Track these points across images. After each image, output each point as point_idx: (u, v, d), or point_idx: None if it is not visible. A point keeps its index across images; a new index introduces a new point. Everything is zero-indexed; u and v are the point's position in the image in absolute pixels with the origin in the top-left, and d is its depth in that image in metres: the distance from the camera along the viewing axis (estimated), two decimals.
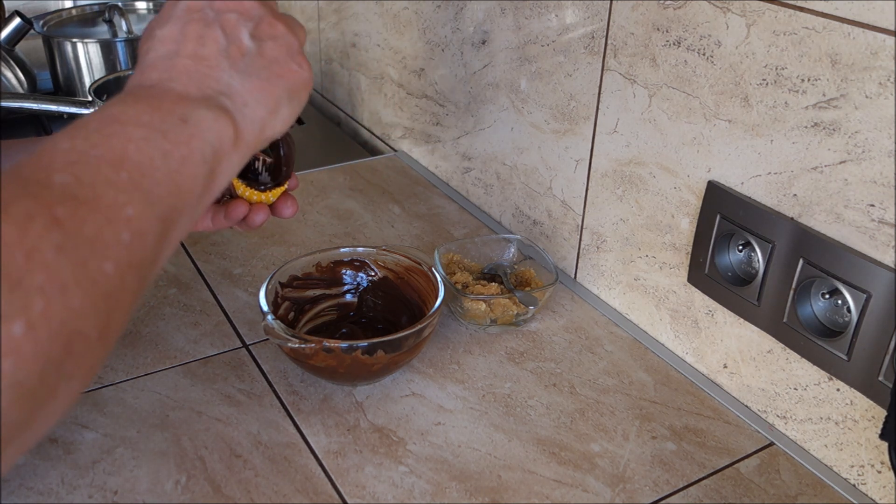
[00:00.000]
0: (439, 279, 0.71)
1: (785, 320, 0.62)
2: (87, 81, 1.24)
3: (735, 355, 0.69)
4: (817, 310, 0.60)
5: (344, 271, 0.77)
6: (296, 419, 0.66)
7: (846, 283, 0.57)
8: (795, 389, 0.64)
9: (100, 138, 0.37)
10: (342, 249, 0.77)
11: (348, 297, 0.78)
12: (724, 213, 0.66)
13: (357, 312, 0.78)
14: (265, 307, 0.66)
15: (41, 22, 1.29)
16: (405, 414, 0.67)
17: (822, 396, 0.62)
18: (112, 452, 0.62)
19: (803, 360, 0.62)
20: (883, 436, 0.52)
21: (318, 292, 0.76)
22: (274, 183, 0.59)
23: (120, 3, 1.38)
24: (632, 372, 0.73)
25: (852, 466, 0.61)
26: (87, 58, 1.24)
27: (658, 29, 0.68)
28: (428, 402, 0.69)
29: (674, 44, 0.67)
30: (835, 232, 0.58)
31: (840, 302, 0.58)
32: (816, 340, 0.60)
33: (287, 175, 0.60)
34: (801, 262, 0.60)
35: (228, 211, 0.58)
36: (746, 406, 0.69)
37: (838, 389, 0.60)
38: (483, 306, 0.76)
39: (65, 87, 1.28)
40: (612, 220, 0.79)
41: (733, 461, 0.64)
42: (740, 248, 0.65)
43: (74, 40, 1.23)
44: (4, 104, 1.02)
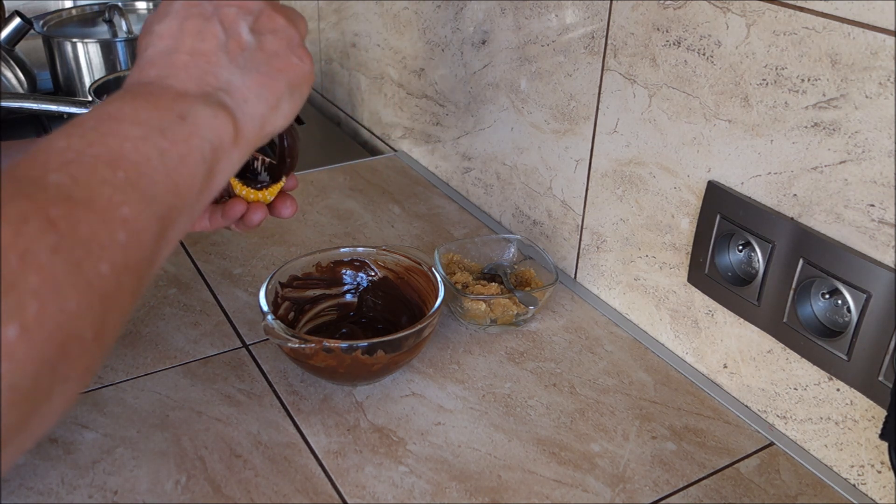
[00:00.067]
0: (439, 279, 0.71)
1: (785, 320, 0.62)
2: (87, 81, 1.24)
3: (735, 355, 0.69)
4: (817, 310, 0.60)
5: (344, 271, 0.77)
6: (296, 419, 0.66)
7: (846, 283, 0.57)
8: (795, 389, 0.64)
9: (96, 137, 0.36)
10: (342, 249, 0.77)
11: (348, 297, 0.78)
12: (724, 213, 0.66)
13: (357, 312, 0.78)
14: (265, 307, 0.66)
15: (41, 22, 1.29)
16: (405, 414, 0.67)
17: (822, 396, 0.62)
18: (112, 452, 0.62)
19: (803, 360, 0.62)
20: (883, 436, 0.52)
21: (318, 292, 0.76)
22: (272, 180, 0.58)
23: (120, 3, 1.38)
24: (632, 372, 0.73)
25: (852, 466, 0.61)
26: (87, 58, 1.24)
27: (658, 29, 0.68)
28: (428, 402, 0.68)
29: (674, 44, 0.67)
30: (835, 232, 0.58)
31: (840, 302, 0.58)
32: (816, 340, 0.60)
33: (291, 167, 0.58)
34: (801, 262, 0.60)
35: (226, 210, 0.57)
36: (746, 406, 0.69)
37: (838, 389, 0.60)
38: (483, 306, 0.76)
39: (65, 87, 1.28)
40: (612, 220, 0.79)
41: (733, 461, 0.64)
42: (740, 248, 0.65)
43: (74, 40, 1.23)
44: (4, 104, 1.02)
